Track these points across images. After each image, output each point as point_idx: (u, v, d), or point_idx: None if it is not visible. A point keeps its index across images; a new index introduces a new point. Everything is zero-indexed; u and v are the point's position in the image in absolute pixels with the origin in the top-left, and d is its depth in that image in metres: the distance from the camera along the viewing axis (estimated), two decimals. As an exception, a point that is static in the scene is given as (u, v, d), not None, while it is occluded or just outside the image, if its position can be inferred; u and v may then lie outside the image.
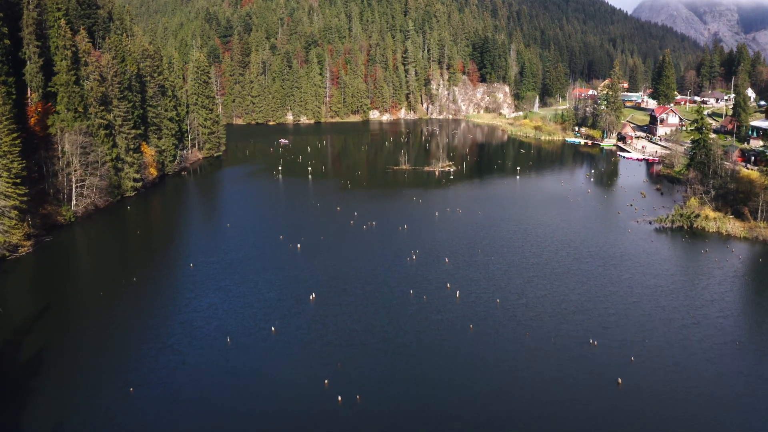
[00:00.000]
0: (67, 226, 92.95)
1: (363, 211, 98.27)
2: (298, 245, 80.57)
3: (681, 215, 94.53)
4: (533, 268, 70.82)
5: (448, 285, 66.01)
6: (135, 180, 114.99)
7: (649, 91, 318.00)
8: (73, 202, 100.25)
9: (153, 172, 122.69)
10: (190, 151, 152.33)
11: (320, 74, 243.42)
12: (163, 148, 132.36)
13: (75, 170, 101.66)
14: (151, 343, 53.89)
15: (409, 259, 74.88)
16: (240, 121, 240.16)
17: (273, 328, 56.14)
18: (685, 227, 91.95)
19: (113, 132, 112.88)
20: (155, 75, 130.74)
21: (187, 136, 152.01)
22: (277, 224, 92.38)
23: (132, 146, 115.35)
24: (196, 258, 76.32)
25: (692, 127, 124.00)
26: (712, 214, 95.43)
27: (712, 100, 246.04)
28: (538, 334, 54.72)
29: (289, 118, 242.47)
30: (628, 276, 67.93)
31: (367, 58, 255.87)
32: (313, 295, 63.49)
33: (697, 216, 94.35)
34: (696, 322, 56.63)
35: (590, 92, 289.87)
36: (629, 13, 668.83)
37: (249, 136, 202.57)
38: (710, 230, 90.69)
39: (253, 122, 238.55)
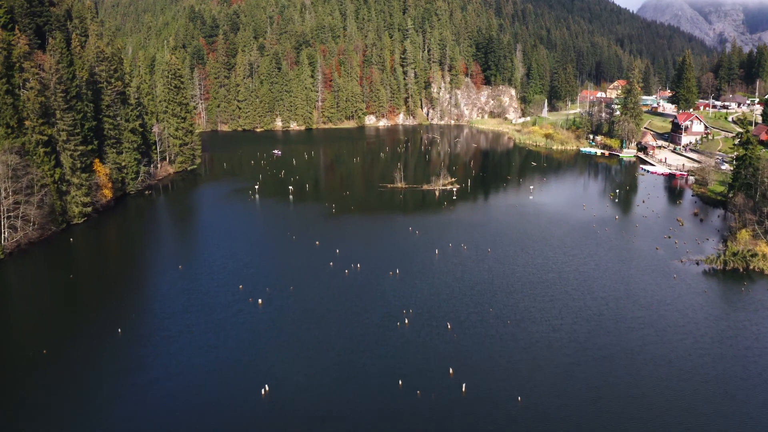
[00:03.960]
0: (-8, 266, 76.29)
1: (347, 248, 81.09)
2: (260, 300, 63.44)
3: (734, 254, 77.39)
4: (568, 348, 52.63)
5: (451, 371, 48.81)
6: (84, 204, 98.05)
7: (662, 94, 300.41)
8: (3, 235, 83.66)
9: (107, 194, 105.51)
10: (159, 166, 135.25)
11: (312, 77, 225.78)
12: (124, 164, 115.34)
13: (6, 197, 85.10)
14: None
15: (400, 324, 57.65)
16: (225, 128, 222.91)
17: (201, 453, 39.14)
18: (741, 269, 74.88)
19: (56, 149, 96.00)
20: (113, 80, 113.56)
21: (156, 149, 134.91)
22: (240, 266, 75.01)
23: (80, 165, 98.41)
24: (127, 322, 59.12)
25: (736, 141, 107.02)
26: (770, 251, 78.42)
27: (733, 105, 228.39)
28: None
29: (278, 124, 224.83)
30: (698, 362, 50.15)
31: (363, 59, 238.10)
32: (266, 389, 46.41)
33: (754, 255, 77.29)
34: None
35: (599, 94, 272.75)
36: (634, 12, 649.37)
37: (234, 145, 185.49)
38: (771, 273, 73.86)
39: (240, 129, 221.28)
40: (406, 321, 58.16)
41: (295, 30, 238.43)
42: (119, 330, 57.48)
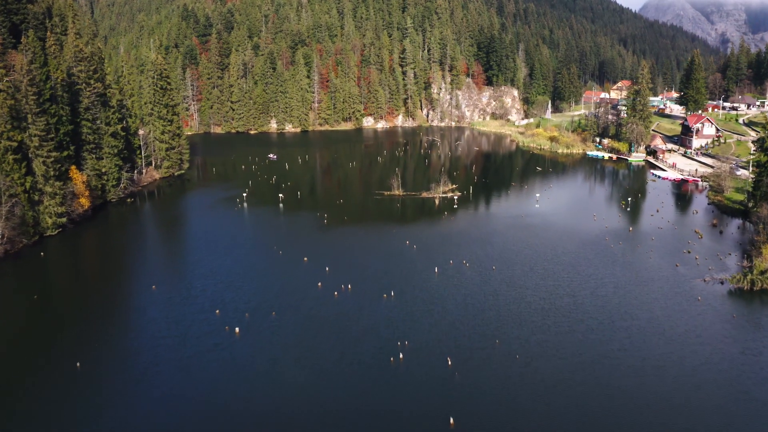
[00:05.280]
0: (-46, 284, 69.69)
1: (337, 264, 74.24)
2: (237, 329, 56.59)
3: (762, 273, 70.53)
4: (589, 394, 45.35)
5: (452, 421, 41.98)
6: (58, 215, 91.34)
7: (668, 94, 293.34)
8: (-34, 249, 77.09)
9: (84, 202, 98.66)
10: (144, 171, 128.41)
11: (308, 77, 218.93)
12: (104, 170, 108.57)
13: (-31, 209, 78.62)
14: None
15: (393, 360, 50.74)
16: (218, 130, 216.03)
17: None
18: (770, 290, 68.08)
19: (28, 156, 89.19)
20: (92, 81, 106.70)
21: (140, 154, 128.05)
22: (219, 287, 68.03)
23: (54, 172, 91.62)
24: (88, 355, 52.28)
25: (753, 148, 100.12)
26: (800, 269, 71.53)
27: (743, 106, 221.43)
28: None
29: (273, 126, 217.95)
30: (741, 414, 43.22)
31: (361, 59, 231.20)
32: (237, 446, 39.65)
33: (784, 273, 70.47)
34: None
35: (602, 95, 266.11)
36: (636, 12, 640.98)
37: (227, 148, 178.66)
38: (802, 293, 66.99)
39: (233, 131, 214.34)
40: (401, 356, 51.25)
41: (291, 29, 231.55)
42: (78, 364, 50.74)
